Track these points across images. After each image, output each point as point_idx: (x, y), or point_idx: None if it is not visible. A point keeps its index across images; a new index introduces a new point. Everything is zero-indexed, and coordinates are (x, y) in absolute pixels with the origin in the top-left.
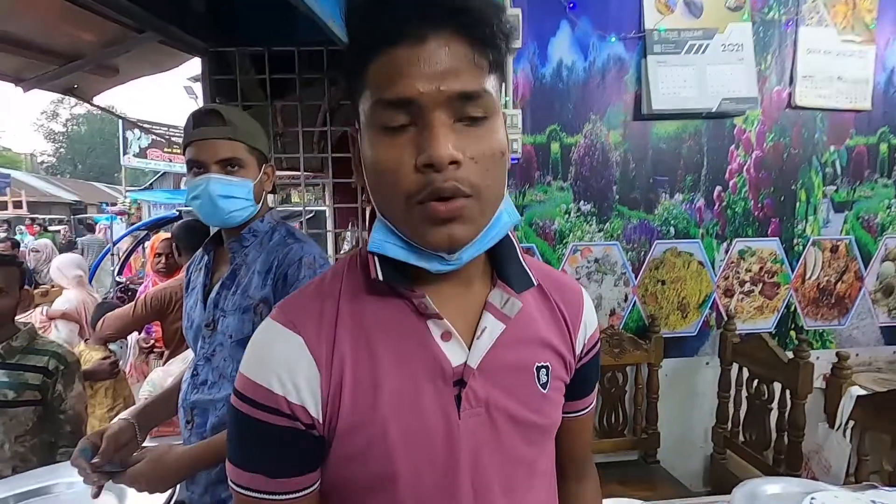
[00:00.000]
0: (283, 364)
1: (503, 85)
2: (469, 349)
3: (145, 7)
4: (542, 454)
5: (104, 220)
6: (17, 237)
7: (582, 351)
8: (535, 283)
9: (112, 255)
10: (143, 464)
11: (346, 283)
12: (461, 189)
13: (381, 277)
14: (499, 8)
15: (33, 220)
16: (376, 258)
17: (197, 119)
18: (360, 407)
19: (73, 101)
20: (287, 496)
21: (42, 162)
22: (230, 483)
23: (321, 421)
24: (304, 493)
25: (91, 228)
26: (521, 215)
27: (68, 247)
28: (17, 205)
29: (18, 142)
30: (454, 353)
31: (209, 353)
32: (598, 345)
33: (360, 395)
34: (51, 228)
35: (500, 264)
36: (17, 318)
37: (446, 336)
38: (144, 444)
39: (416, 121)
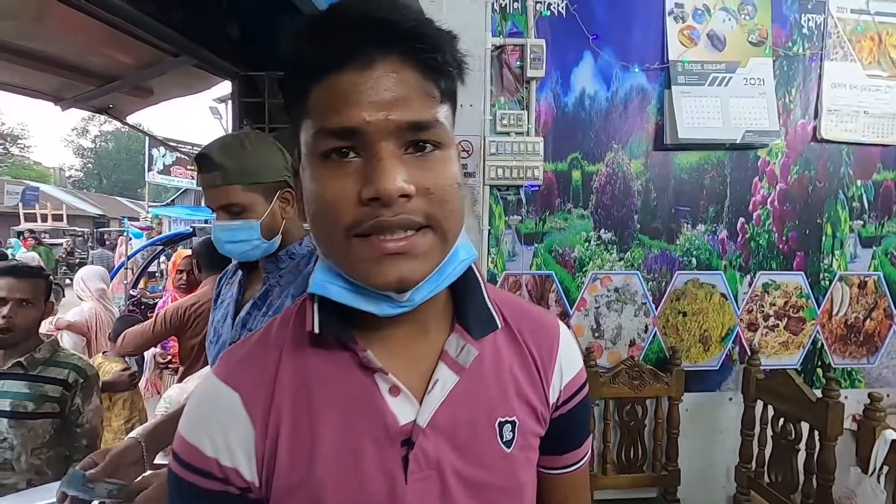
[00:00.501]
0: (216, 424)
1: (455, 114)
2: (420, 404)
3: (182, 32)
4: None
5: (133, 234)
6: (9, 250)
7: (558, 399)
8: (500, 326)
9: (126, 268)
10: (154, 489)
11: (291, 333)
12: (413, 220)
13: (317, 329)
14: (452, 36)
15: (31, 231)
16: (315, 304)
17: (196, 164)
18: (297, 468)
19: (102, 118)
20: None
21: (70, 176)
22: None
23: (257, 484)
24: None
25: (102, 242)
26: (541, 242)
27: (67, 261)
28: (57, 217)
29: (48, 156)
30: (402, 410)
31: None
32: (584, 390)
33: (297, 456)
34: (48, 242)
35: (461, 306)
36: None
37: (394, 391)
38: (157, 462)
39: (361, 151)
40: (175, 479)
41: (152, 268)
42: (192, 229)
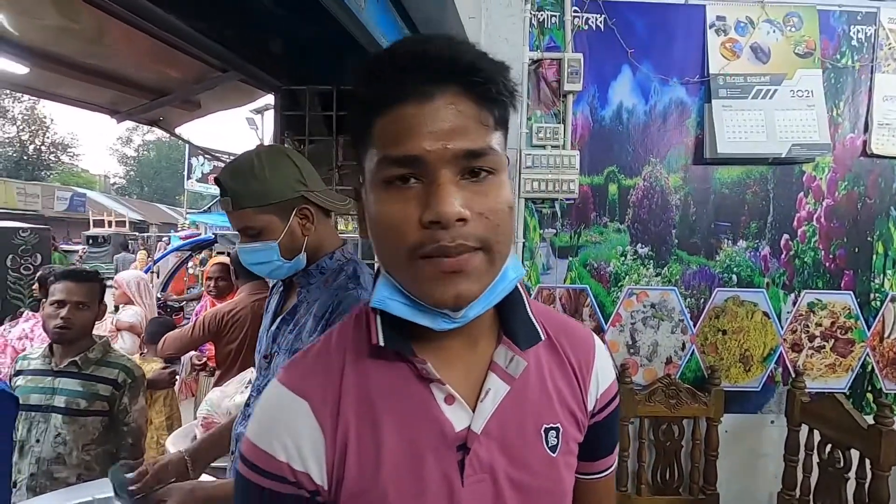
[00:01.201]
0: (288, 430)
1: (507, 138)
2: (473, 412)
3: (230, 48)
4: None
5: (174, 240)
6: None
7: (595, 407)
8: (543, 338)
9: (152, 272)
10: (172, 501)
11: (351, 344)
12: (467, 245)
13: (381, 343)
14: (504, 67)
15: (95, 237)
16: (377, 319)
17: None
18: (364, 473)
19: (145, 127)
20: None
21: (114, 183)
22: None
23: (325, 487)
24: None
25: (125, 247)
26: (576, 255)
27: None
28: (120, 223)
29: (94, 164)
30: (457, 418)
31: (262, 386)
32: (617, 400)
33: (363, 462)
34: (63, 248)
35: (507, 319)
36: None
37: (449, 399)
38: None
39: (422, 177)
40: (245, 483)
41: (192, 270)
42: (213, 236)
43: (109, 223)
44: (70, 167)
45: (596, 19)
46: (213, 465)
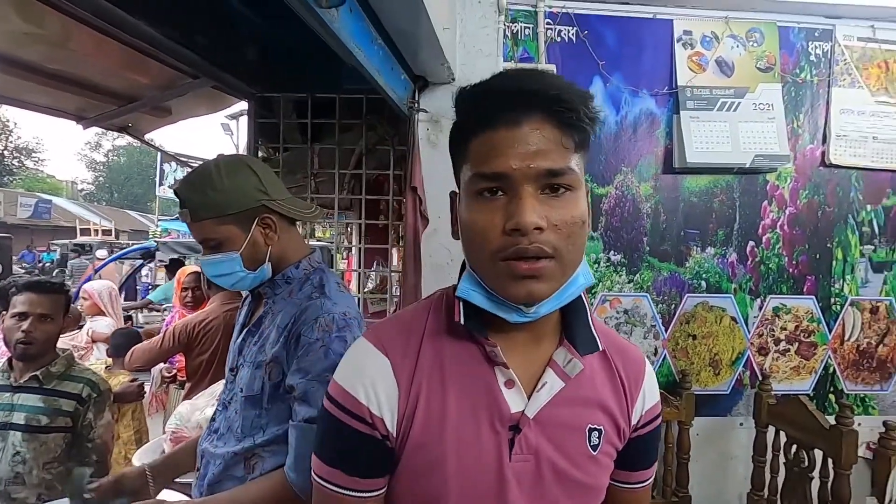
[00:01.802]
0: (370, 378)
1: (586, 159)
2: (528, 399)
3: (202, 55)
4: None
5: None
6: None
7: (639, 422)
8: (601, 349)
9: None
10: None
11: (430, 321)
12: (544, 250)
13: (462, 321)
14: (587, 96)
15: (81, 245)
16: (461, 304)
17: None
18: (428, 432)
19: (114, 133)
20: (359, 494)
21: (81, 189)
22: (312, 474)
23: (394, 435)
24: (373, 494)
25: (78, 251)
26: None
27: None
28: (107, 232)
29: (61, 170)
30: (514, 401)
31: (227, 400)
32: (659, 419)
33: (429, 422)
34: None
35: (570, 325)
36: (60, 338)
37: (509, 384)
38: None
39: (508, 191)
40: (329, 418)
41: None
42: (155, 244)
43: (96, 231)
44: (35, 173)
45: (568, 31)
46: (178, 479)
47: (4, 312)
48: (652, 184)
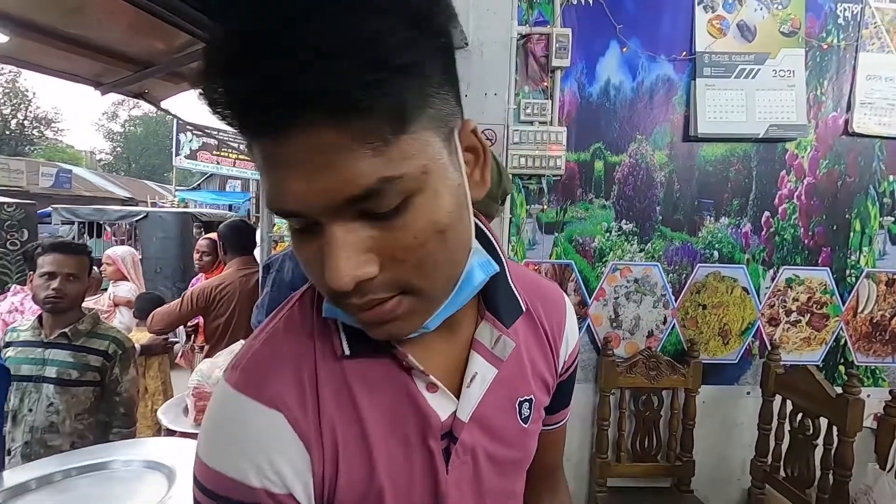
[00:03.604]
0: (260, 450)
1: (447, 104)
2: (458, 398)
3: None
4: (517, 481)
5: None
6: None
7: (562, 369)
8: (524, 309)
9: None
10: None
11: (318, 339)
12: (382, 297)
13: (347, 352)
14: (384, 33)
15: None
16: (340, 326)
17: None
18: (359, 481)
19: (132, 103)
20: None
21: (100, 160)
22: None
23: (315, 501)
24: None
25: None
26: (562, 231)
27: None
28: (126, 202)
29: (80, 140)
30: (441, 406)
31: None
32: (577, 357)
33: (357, 469)
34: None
35: (488, 289)
36: (84, 302)
37: (431, 388)
38: None
39: (312, 226)
40: None
41: None
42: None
43: (115, 201)
44: (54, 142)
45: None
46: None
47: (32, 273)
48: (667, 152)
